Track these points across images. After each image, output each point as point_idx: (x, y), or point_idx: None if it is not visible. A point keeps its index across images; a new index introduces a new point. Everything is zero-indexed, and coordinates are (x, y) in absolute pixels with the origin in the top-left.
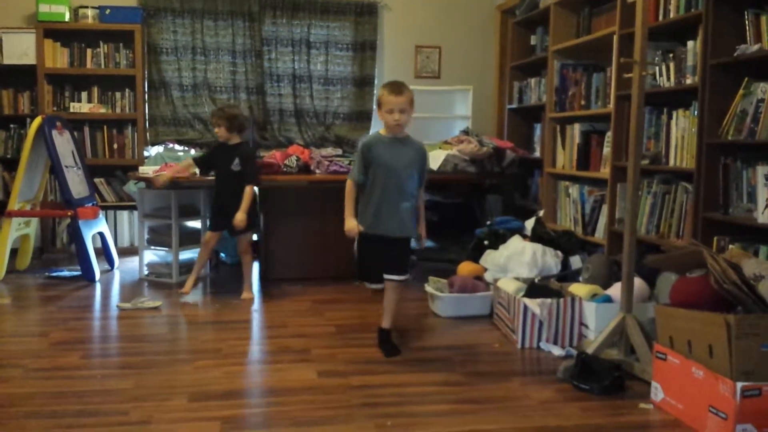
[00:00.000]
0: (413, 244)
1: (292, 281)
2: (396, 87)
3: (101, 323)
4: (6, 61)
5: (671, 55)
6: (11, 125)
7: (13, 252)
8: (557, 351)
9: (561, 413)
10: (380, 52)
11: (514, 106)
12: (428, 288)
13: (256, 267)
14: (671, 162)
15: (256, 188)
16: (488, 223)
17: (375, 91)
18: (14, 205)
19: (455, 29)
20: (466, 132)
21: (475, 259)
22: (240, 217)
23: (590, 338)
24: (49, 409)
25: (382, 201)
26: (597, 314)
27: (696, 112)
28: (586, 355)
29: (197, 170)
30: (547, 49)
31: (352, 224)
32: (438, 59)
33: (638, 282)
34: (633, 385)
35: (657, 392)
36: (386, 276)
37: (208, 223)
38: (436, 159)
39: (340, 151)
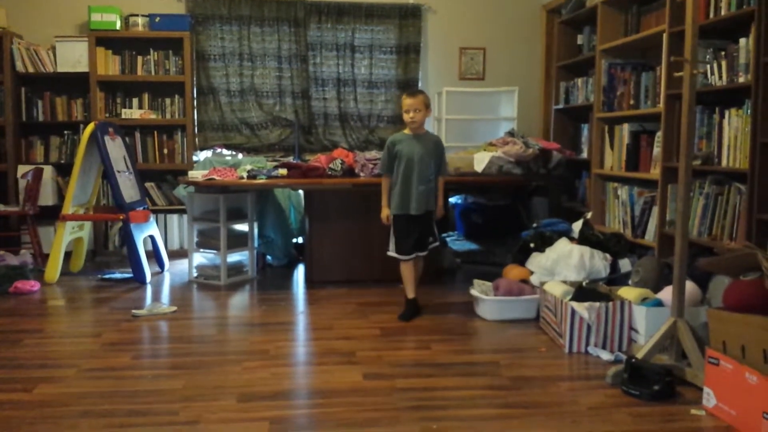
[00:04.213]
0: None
1: (336, 284)
2: (411, 91)
3: (152, 324)
4: (60, 69)
5: (723, 53)
6: (65, 131)
7: (67, 255)
8: (606, 356)
9: (610, 419)
10: (424, 54)
11: (560, 106)
12: (473, 291)
13: (301, 269)
14: (724, 162)
15: None
16: (534, 225)
17: None
18: (68, 209)
19: (500, 30)
20: (511, 133)
21: (521, 262)
22: None
23: (640, 343)
24: (101, 408)
25: (404, 186)
26: (647, 318)
27: (749, 111)
28: (635, 359)
29: None
30: (594, 48)
31: (385, 212)
32: (482, 60)
33: (690, 285)
34: (684, 391)
35: (709, 398)
36: (418, 254)
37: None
38: (480, 161)
39: None
